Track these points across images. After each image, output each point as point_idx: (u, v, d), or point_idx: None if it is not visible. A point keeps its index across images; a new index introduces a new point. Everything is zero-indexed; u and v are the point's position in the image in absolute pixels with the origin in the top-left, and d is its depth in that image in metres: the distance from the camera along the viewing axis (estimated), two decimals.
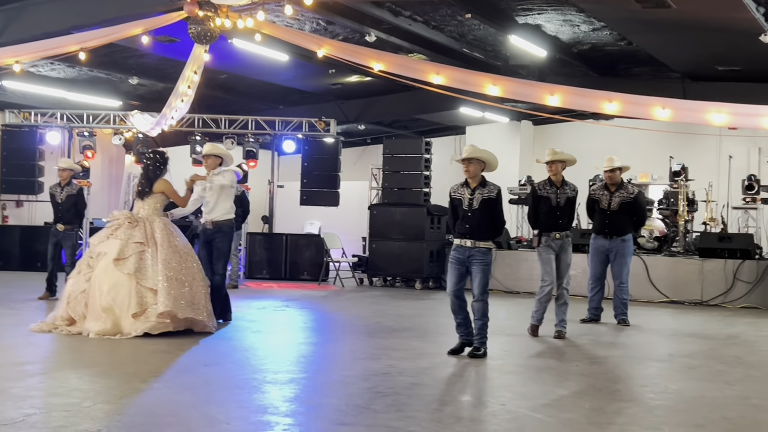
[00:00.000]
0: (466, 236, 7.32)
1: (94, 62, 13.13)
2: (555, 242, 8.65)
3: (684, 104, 10.14)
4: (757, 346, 8.61)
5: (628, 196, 9.74)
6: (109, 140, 16.84)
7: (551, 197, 8.71)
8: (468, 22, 12.03)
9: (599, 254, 9.87)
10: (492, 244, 7.40)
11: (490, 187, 7.42)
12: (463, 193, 7.44)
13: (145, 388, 5.75)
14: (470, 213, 7.33)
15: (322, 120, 16.17)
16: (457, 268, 7.36)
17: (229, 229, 9.14)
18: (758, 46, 11.30)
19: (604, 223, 9.81)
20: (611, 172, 9.78)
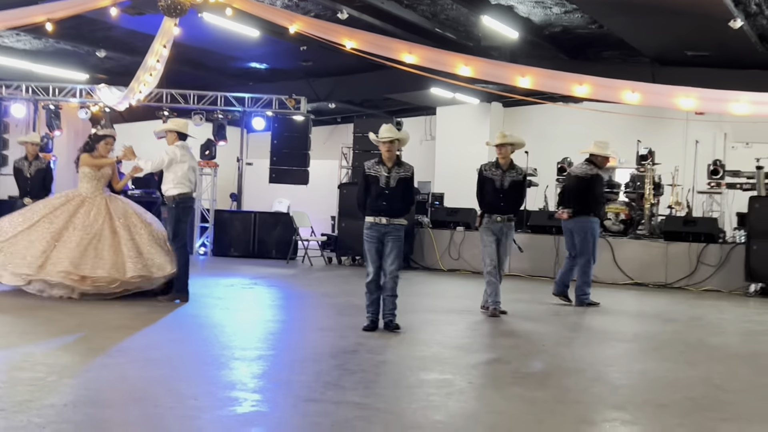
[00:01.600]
0: (381, 213, 7.43)
1: (61, 34, 12.90)
2: (495, 225, 8.68)
3: (653, 88, 10.22)
4: (720, 328, 8.76)
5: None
6: (75, 114, 16.59)
7: (495, 179, 8.73)
8: (441, 2, 12.00)
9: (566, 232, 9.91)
10: (405, 221, 7.54)
11: (406, 166, 7.61)
12: (378, 170, 7.53)
13: (111, 363, 5.71)
14: (387, 191, 7.45)
15: (292, 98, 16.07)
16: (375, 245, 7.44)
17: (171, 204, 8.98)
18: (727, 32, 11.41)
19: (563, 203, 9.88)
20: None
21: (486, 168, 8.87)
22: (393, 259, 7.39)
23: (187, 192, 8.93)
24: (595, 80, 9.76)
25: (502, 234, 8.69)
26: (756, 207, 11.63)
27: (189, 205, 9.05)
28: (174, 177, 8.85)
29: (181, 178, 8.85)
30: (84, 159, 9.20)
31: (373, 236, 7.46)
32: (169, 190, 8.90)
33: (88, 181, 9.20)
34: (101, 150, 9.28)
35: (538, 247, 13.18)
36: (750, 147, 15.90)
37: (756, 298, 11.43)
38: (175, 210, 8.89)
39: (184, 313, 8.30)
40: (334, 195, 15.56)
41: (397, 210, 7.46)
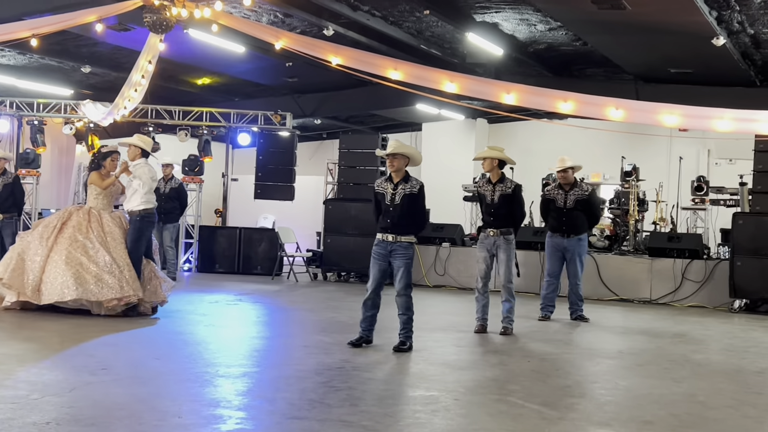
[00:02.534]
0: (387, 231, 7.36)
1: (46, 50, 12.86)
2: (488, 240, 8.70)
3: (637, 105, 10.28)
4: (704, 345, 8.78)
5: (582, 194, 9.87)
6: (60, 129, 16.51)
7: (486, 194, 8.78)
8: (426, 19, 12.05)
9: (555, 251, 9.97)
10: (413, 238, 7.44)
11: (412, 182, 7.45)
12: (386, 187, 7.48)
13: (94, 381, 5.66)
14: (392, 208, 7.36)
15: (278, 113, 16.07)
16: (379, 263, 7.38)
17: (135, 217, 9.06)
18: (710, 49, 11.51)
19: (561, 221, 9.92)
20: (564, 171, 9.90)
21: (480, 185, 8.97)
22: (401, 276, 7.31)
23: (151, 208, 9.11)
24: (580, 97, 9.80)
25: (497, 248, 8.67)
26: (740, 223, 11.70)
27: (151, 220, 9.19)
28: (138, 193, 9.03)
29: (148, 194, 9.05)
30: (92, 178, 9.30)
31: (379, 253, 7.39)
32: (136, 205, 9.02)
33: (95, 198, 9.25)
34: (108, 166, 9.36)
35: (523, 263, 13.17)
36: (733, 163, 16.04)
37: (740, 314, 11.47)
38: (139, 223, 9.01)
39: (168, 330, 8.25)
40: (320, 211, 15.54)
41: (403, 227, 7.34)
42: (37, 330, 7.75)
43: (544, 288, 10.08)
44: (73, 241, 8.79)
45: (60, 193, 18.05)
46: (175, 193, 13.76)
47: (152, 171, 9.26)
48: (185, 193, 14.18)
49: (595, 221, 10.50)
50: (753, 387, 6.54)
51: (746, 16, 10.78)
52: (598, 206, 10.43)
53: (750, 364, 7.54)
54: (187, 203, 14.49)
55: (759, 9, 10.45)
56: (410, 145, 7.77)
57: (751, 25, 11.17)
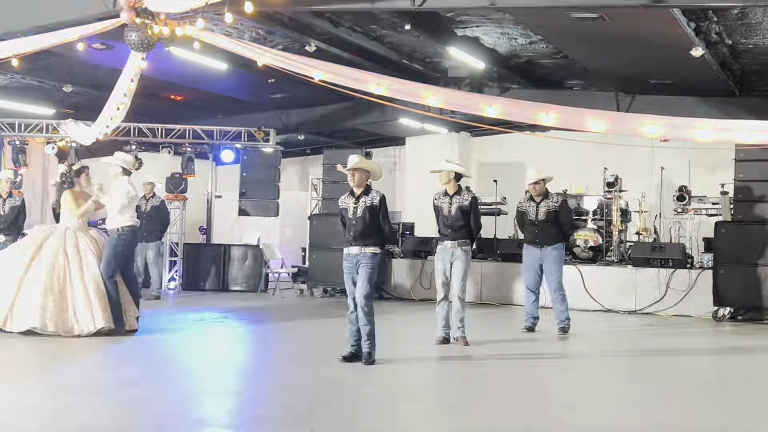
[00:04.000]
0: (351, 243, 7.47)
1: (27, 69, 12.81)
2: (446, 251, 8.74)
3: (618, 116, 10.38)
4: (689, 353, 8.82)
5: (553, 205, 9.98)
6: (42, 149, 16.43)
7: (443, 206, 8.85)
8: (408, 34, 12.10)
9: (532, 263, 10.04)
10: (377, 249, 7.48)
11: (372, 194, 7.56)
12: (348, 202, 7.60)
13: (80, 402, 5.62)
14: (355, 221, 7.48)
15: (261, 129, 16.06)
16: (350, 276, 7.47)
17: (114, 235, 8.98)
18: (689, 60, 11.61)
19: (534, 233, 10.02)
20: (535, 183, 10.00)
21: (436, 197, 9.02)
22: (360, 286, 7.36)
23: (131, 225, 8.98)
24: (561, 109, 9.86)
25: (454, 258, 8.69)
26: (722, 232, 11.77)
27: (131, 239, 9.02)
28: (118, 210, 8.95)
29: (125, 212, 8.95)
30: (67, 197, 9.20)
31: (348, 267, 7.48)
32: (117, 222, 8.92)
33: (69, 217, 9.14)
34: (83, 182, 9.32)
35: (508, 275, 13.24)
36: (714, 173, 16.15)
37: (725, 322, 11.53)
38: (117, 241, 8.90)
39: (154, 349, 8.20)
40: (305, 226, 15.52)
41: (367, 238, 7.42)
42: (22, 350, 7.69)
43: (525, 300, 10.15)
44: (50, 270, 8.64)
45: (43, 213, 17.94)
46: (156, 211, 13.75)
47: (130, 189, 9.08)
48: (167, 211, 14.17)
49: (569, 230, 10.55)
50: (738, 394, 6.58)
51: (724, 27, 10.89)
52: (569, 216, 10.51)
53: (735, 372, 7.59)
54: (169, 221, 14.47)
55: (736, 20, 10.57)
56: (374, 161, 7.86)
57: (729, 35, 11.29)
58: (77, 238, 8.96)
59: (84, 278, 8.68)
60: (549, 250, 9.90)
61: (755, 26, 10.76)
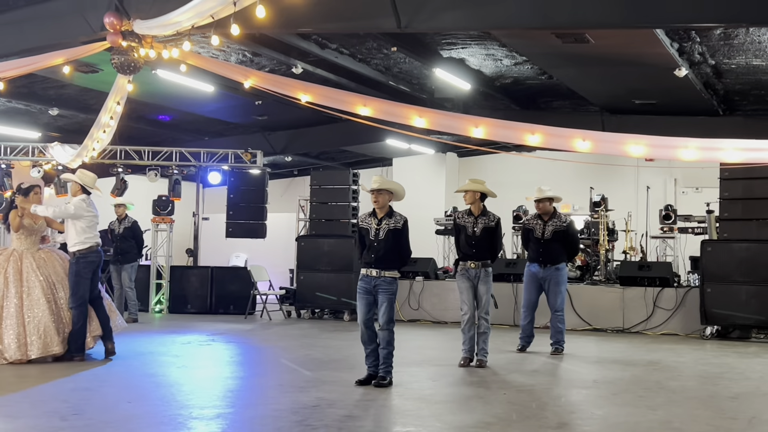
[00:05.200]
0: (371, 266, 7.42)
1: (13, 93, 12.81)
2: (470, 271, 8.74)
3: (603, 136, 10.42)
4: (678, 372, 8.83)
5: (561, 225, 9.92)
6: (28, 172, 16.36)
7: (468, 226, 8.83)
8: (394, 56, 12.17)
9: (534, 282, 9.99)
10: (397, 273, 7.49)
11: (396, 217, 7.54)
12: (370, 222, 7.55)
13: (66, 427, 5.56)
14: (376, 243, 7.43)
15: (248, 151, 16.06)
16: (365, 297, 7.44)
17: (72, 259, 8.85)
18: (673, 80, 11.73)
19: (538, 251, 9.96)
20: (541, 202, 9.97)
21: (459, 216, 9.02)
22: (384, 311, 7.35)
23: (89, 246, 8.79)
24: (547, 129, 9.92)
25: (478, 280, 8.71)
26: (708, 250, 11.83)
27: (91, 260, 8.81)
28: (75, 231, 8.79)
29: (82, 232, 8.78)
30: (11, 215, 8.92)
31: (364, 288, 7.45)
32: (72, 245, 8.80)
33: (17, 239, 8.92)
34: (32, 200, 9.00)
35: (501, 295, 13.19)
36: (700, 192, 16.27)
37: (712, 340, 11.56)
38: (76, 265, 8.75)
39: (140, 372, 8.14)
40: (292, 248, 15.49)
41: (387, 262, 7.40)
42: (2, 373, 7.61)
43: (522, 319, 10.10)
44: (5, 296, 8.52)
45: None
46: (130, 233, 13.68)
47: (80, 207, 8.83)
48: (140, 232, 14.09)
49: (574, 252, 10.53)
50: (727, 412, 6.59)
51: (707, 47, 11.02)
52: (576, 237, 10.49)
53: (724, 390, 7.59)
54: (143, 241, 14.37)
55: (719, 40, 10.69)
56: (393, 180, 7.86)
57: (712, 55, 11.42)
58: (22, 260, 8.72)
59: (23, 304, 8.49)
60: (552, 270, 9.86)
61: (738, 46, 10.89)
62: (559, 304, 9.88)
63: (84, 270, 8.72)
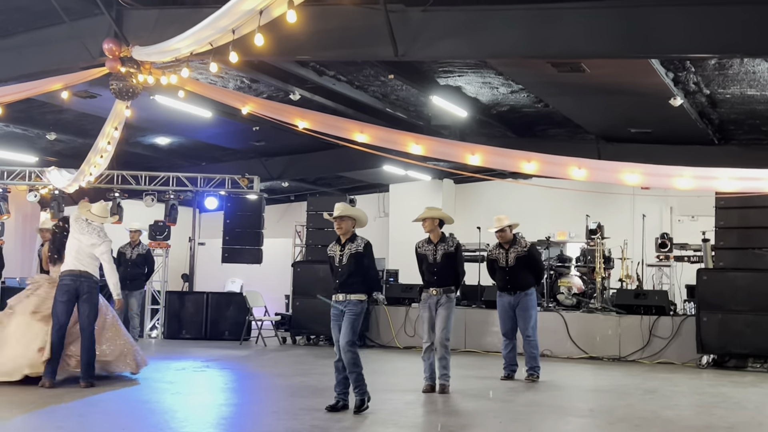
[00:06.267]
0: (338, 290, 7.53)
1: (11, 117, 12.83)
2: (432, 298, 8.76)
3: (599, 164, 10.47)
4: (674, 401, 8.80)
5: (522, 251, 9.98)
6: (24, 197, 16.38)
7: (428, 254, 8.90)
8: (391, 83, 12.25)
9: (506, 310, 10.04)
10: (363, 296, 7.49)
11: (358, 241, 7.61)
12: (335, 249, 7.66)
13: None
14: (340, 268, 7.53)
15: (245, 177, 16.10)
16: (336, 323, 7.50)
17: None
18: (668, 109, 11.81)
19: (505, 279, 10.02)
20: (501, 231, 10.02)
21: (420, 245, 9.08)
22: (344, 333, 7.36)
23: (66, 269, 8.77)
24: (543, 157, 9.97)
25: (439, 305, 8.74)
26: (704, 279, 11.83)
27: (63, 283, 8.75)
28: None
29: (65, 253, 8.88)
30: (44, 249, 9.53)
31: (335, 314, 7.52)
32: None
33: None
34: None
35: (492, 323, 13.18)
36: (696, 220, 16.30)
37: (708, 369, 11.53)
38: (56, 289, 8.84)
39: (134, 398, 8.10)
40: (288, 273, 15.47)
41: (352, 285, 7.45)
42: None
43: (503, 348, 10.10)
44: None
45: (24, 262, 17.80)
46: (142, 260, 13.67)
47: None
48: (152, 259, 14.11)
49: (540, 274, 10.57)
50: None
51: (702, 77, 11.10)
52: (539, 260, 10.53)
53: (720, 420, 7.57)
54: (154, 270, 14.39)
55: (714, 70, 10.77)
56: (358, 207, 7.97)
57: (707, 85, 11.50)
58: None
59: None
60: (522, 296, 9.92)
61: (732, 76, 10.97)
62: (530, 329, 9.91)
63: (57, 293, 8.74)
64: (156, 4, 9.77)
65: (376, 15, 8.64)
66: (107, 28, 9.61)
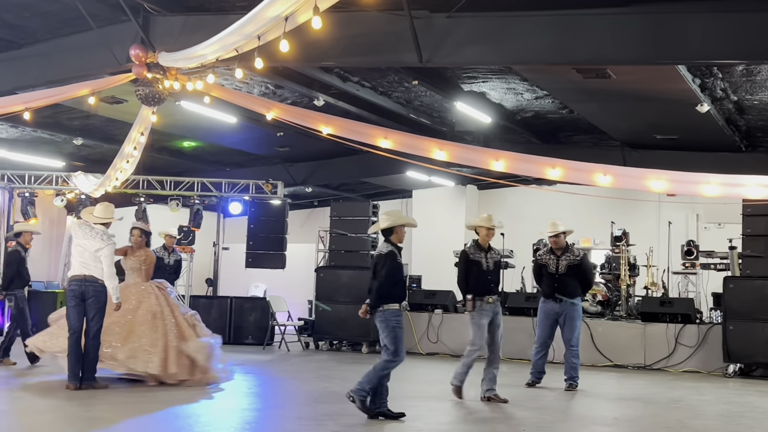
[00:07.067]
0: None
1: (38, 122, 12.99)
2: (488, 306, 8.71)
3: (624, 171, 10.42)
4: (700, 410, 8.71)
5: (574, 259, 9.84)
6: (51, 201, 16.55)
7: (482, 261, 8.80)
8: (415, 89, 12.25)
9: (549, 318, 9.88)
10: (391, 305, 7.41)
11: (380, 247, 7.67)
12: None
13: None
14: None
15: (269, 182, 16.17)
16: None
17: None
18: (694, 115, 11.71)
19: (553, 286, 9.88)
20: (555, 236, 9.89)
21: (471, 251, 8.89)
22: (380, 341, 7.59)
23: (72, 274, 8.81)
24: (568, 163, 9.93)
25: (495, 314, 8.73)
26: (731, 287, 11.70)
27: (70, 288, 8.77)
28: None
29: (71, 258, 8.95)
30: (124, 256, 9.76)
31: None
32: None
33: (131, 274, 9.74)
34: (133, 242, 9.85)
35: (516, 329, 13.11)
36: (722, 227, 16.16)
37: (735, 378, 11.40)
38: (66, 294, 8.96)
39: (158, 401, 8.13)
40: (312, 279, 15.49)
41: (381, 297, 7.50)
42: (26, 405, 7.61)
43: (534, 354, 9.97)
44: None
45: (50, 265, 17.98)
46: (177, 265, 13.57)
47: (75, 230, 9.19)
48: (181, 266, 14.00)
49: (588, 286, 10.42)
50: None
51: (729, 83, 11.00)
52: (590, 271, 10.39)
53: (747, 429, 7.48)
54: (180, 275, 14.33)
55: (741, 76, 10.67)
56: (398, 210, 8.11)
57: (734, 92, 11.39)
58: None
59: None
60: (568, 305, 9.77)
61: (760, 83, 10.87)
62: (575, 339, 9.77)
63: (67, 299, 8.83)
64: (182, 11, 9.84)
65: (400, 21, 8.64)
66: (134, 35, 9.70)
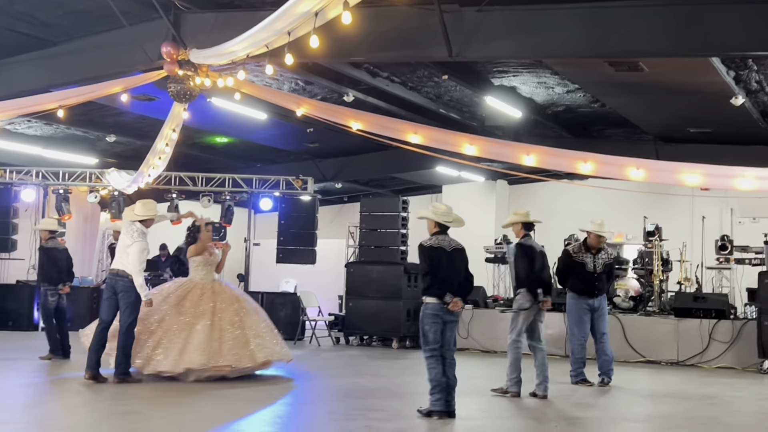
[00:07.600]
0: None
1: (72, 120, 13.14)
2: (536, 304, 8.74)
3: (657, 165, 10.31)
4: (734, 407, 8.60)
5: (609, 258, 9.98)
6: (85, 198, 16.75)
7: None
8: (445, 84, 12.21)
9: (587, 314, 9.82)
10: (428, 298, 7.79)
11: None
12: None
13: None
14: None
15: (299, 178, 16.22)
16: None
17: None
18: (729, 108, 11.55)
19: (593, 285, 9.80)
20: (599, 236, 9.79)
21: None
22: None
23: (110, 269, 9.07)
24: (600, 158, 9.86)
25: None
26: (766, 282, 11.54)
27: (106, 281, 9.12)
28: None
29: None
30: (191, 251, 9.72)
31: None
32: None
33: (197, 269, 9.73)
34: (204, 238, 9.83)
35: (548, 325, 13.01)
36: (757, 222, 15.93)
37: None
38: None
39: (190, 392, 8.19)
40: (342, 274, 15.53)
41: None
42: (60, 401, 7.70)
43: (580, 351, 9.85)
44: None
45: (84, 261, 18.20)
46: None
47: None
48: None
49: (611, 282, 10.75)
50: None
51: (764, 75, 10.84)
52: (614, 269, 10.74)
53: None
54: None
55: None
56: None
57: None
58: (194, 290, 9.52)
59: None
60: (602, 300, 9.95)
61: None
62: (605, 326, 9.99)
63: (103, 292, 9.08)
64: (213, 8, 9.90)
65: (430, 16, 8.62)
66: (165, 32, 9.78)
